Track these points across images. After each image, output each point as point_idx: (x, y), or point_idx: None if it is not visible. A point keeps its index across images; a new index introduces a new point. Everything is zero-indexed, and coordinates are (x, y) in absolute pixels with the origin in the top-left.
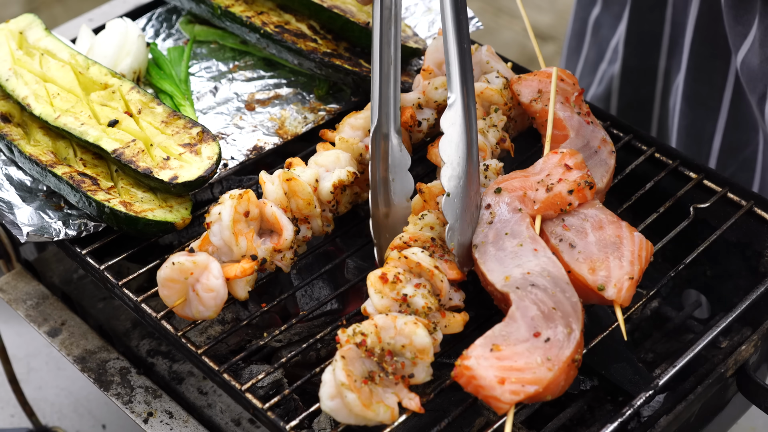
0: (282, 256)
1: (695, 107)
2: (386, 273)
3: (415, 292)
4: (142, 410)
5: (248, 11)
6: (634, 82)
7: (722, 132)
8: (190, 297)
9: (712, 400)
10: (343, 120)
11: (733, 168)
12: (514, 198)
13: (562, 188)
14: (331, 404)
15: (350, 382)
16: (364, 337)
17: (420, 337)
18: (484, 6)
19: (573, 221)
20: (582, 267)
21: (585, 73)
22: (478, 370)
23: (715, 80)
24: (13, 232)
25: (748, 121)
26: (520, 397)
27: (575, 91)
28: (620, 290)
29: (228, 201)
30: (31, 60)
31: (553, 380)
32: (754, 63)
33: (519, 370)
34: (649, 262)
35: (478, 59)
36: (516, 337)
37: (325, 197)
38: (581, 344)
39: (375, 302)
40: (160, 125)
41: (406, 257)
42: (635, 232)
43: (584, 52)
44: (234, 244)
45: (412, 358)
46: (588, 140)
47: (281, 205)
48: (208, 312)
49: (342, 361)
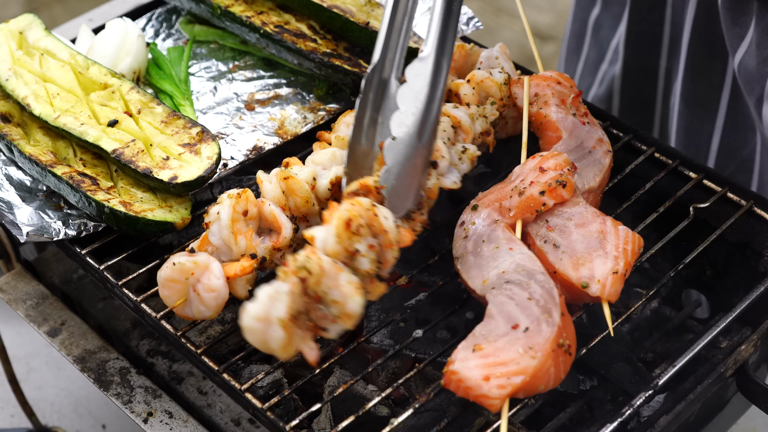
0: (282, 254)
1: (693, 108)
2: (352, 220)
3: (366, 253)
4: (142, 410)
5: (248, 11)
6: (636, 82)
7: (720, 133)
8: (190, 297)
9: (712, 400)
10: (338, 119)
11: (732, 168)
12: (491, 211)
13: (534, 190)
14: (253, 324)
15: (287, 320)
16: (308, 275)
17: (354, 303)
18: (484, 6)
19: (556, 221)
20: (566, 266)
21: (585, 74)
22: (463, 372)
23: (712, 81)
24: (13, 232)
25: (746, 121)
26: (507, 391)
27: (572, 92)
28: (604, 285)
29: (226, 201)
30: (31, 60)
31: (540, 368)
32: (751, 65)
33: (502, 364)
34: (637, 254)
35: (489, 54)
36: (496, 333)
37: (323, 195)
38: (566, 328)
39: (328, 242)
40: (160, 125)
41: (376, 215)
42: (620, 225)
43: (584, 53)
44: (233, 243)
45: (336, 316)
46: (582, 140)
47: (279, 204)
48: (209, 312)
49: (289, 296)
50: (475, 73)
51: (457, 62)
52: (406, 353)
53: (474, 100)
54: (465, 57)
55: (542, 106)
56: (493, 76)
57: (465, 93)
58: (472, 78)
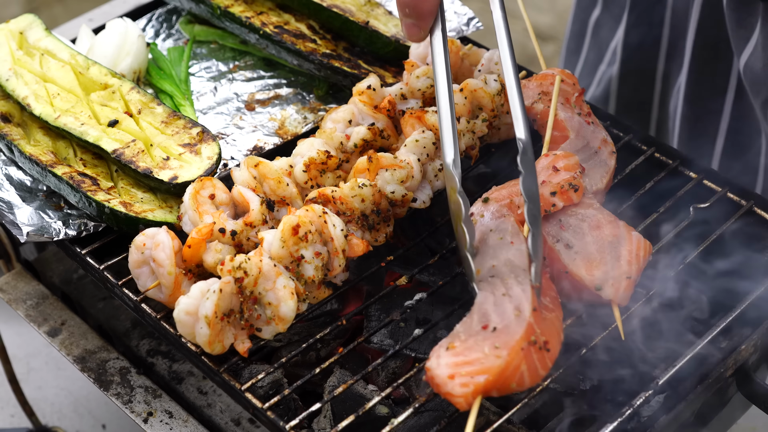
0: (257, 231)
1: (697, 110)
2: (300, 226)
3: (312, 260)
4: (142, 410)
5: (248, 11)
6: (632, 84)
7: (725, 134)
8: (155, 272)
9: (712, 400)
10: (324, 117)
11: (736, 170)
12: (501, 206)
13: (545, 190)
14: (182, 317)
15: (212, 318)
16: (245, 276)
17: (287, 308)
18: (484, 6)
19: (570, 221)
20: (579, 267)
21: (584, 75)
22: (434, 369)
23: (717, 83)
24: (13, 232)
25: (751, 124)
26: (470, 389)
27: (575, 91)
28: (617, 290)
29: (189, 187)
30: (31, 60)
31: (506, 367)
32: (758, 66)
33: (469, 363)
34: (647, 261)
35: (491, 58)
36: (468, 332)
37: (301, 178)
38: (541, 325)
39: (274, 246)
40: (160, 125)
41: (325, 222)
42: (633, 231)
43: (584, 53)
44: (198, 221)
45: (270, 317)
46: (588, 141)
47: (250, 188)
48: (168, 289)
49: (217, 295)
50: (469, 81)
51: (450, 59)
52: (406, 353)
53: (465, 111)
54: (458, 56)
55: (547, 105)
56: (488, 85)
57: (456, 102)
58: (465, 87)
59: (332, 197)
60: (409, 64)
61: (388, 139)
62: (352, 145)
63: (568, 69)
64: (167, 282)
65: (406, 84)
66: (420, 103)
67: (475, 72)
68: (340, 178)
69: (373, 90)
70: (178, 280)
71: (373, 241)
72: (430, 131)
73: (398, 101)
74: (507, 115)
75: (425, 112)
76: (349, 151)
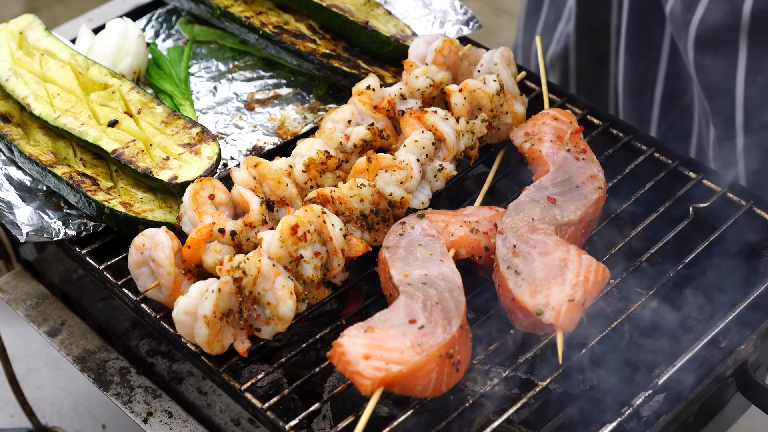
0: (256, 231)
1: (637, 59)
2: (299, 226)
3: (311, 260)
4: (142, 410)
5: (247, 11)
6: (589, 38)
7: (663, 82)
8: (155, 272)
9: (712, 400)
10: (323, 117)
11: (675, 116)
12: (432, 227)
13: (486, 242)
14: (181, 317)
15: (211, 318)
16: (243, 276)
17: (286, 308)
18: (484, 6)
19: (522, 248)
20: (524, 293)
21: (545, 34)
22: (348, 346)
23: (653, 32)
24: (13, 232)
25: (684, 69)
26: (381, 374)
27: (570, 128)
28: (558, 313)
29: (189, 187)
30: (31, 60)
31: (421, 366)
32: (677, 12)
33: (386, 349)
34: (601, 284)
35: (491, 58)
36: (392, 322)
37: (300, 179)
38: (461, 344)
39: (272, 246)
40: (160, 125)
41: (324, 222)
42: (584, 254)
43: (543, 14)
44: (198, 221)
45: (269, 317)
46: (570, 175)
47: (250, 188)
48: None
49: (216, 295)
50: (468, 82)
51: (447, 58)
52: None
53: (464, 111)
54: (457, 56)
55: (536, 143)
56: (487, 86)
57: (456, 103)
58: (464, 87)
59: (331, 197)
60: (409, 64)
61: (388, 139)
62: (352, 145)
63: (529, 30)
64: (167, 282)
65: (406, 84)
66: (419, 103)
67: (475, 72)
68: (339, 178)
69: (373, 90)
70: (177, 280)
71: (373, 241)
72: (429, 131)
73: (398, 101)
74: (506, 115)
75: (425, 112)
76: (349, 151)
